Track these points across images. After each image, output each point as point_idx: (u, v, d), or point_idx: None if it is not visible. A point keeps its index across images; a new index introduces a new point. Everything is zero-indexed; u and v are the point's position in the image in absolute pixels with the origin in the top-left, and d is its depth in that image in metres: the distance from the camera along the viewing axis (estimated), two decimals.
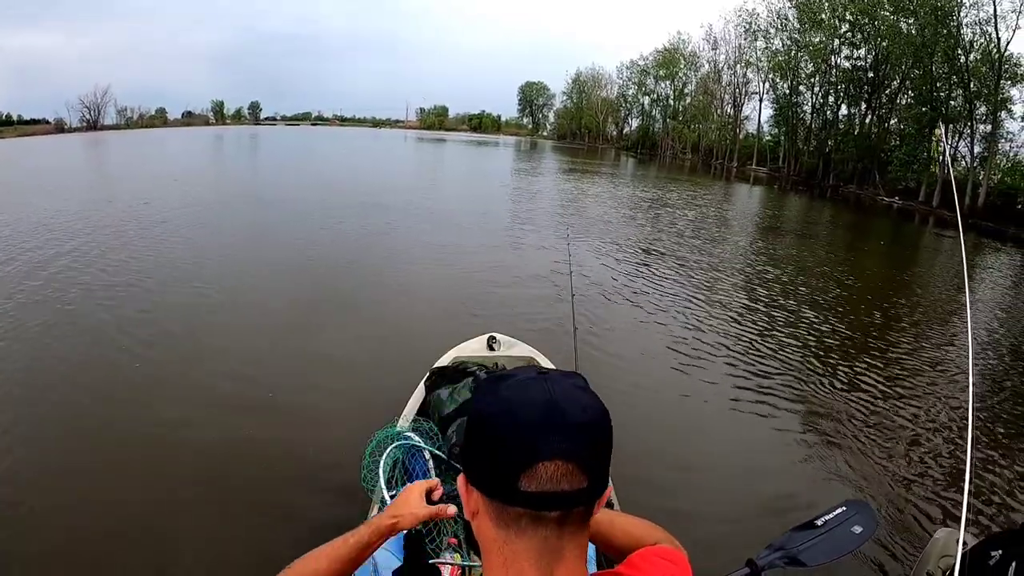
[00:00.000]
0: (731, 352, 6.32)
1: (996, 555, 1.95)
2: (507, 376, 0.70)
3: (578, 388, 0.68)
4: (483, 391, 0.71)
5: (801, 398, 5.26)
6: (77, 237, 9.78)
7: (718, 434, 4.65)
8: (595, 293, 8.18)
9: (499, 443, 0.64)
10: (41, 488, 3.44)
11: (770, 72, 46.36)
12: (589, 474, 0.63)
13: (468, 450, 0.69)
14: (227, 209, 14.05)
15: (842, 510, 1.66)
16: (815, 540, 1.61)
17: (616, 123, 79.66)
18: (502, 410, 0.65)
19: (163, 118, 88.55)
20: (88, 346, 5.54)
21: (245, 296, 7.41)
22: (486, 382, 0.72)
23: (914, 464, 4.25)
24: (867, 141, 35.71)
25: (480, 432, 0.67)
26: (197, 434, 4.08)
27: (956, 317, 8.60)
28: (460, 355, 3.64)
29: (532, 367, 0.73)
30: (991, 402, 5.56)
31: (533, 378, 0.68)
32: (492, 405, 0.67)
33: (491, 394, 0.68)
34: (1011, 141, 26.82)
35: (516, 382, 0.68)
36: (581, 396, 0.67)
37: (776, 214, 22.26)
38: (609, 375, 5.31)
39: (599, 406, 0.68)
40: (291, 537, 3.00)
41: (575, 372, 0.74)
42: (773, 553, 1.58)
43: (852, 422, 4.84)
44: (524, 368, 0.73)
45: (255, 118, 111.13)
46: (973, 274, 12.81)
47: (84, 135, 56.31)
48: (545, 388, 0.66)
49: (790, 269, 11.02)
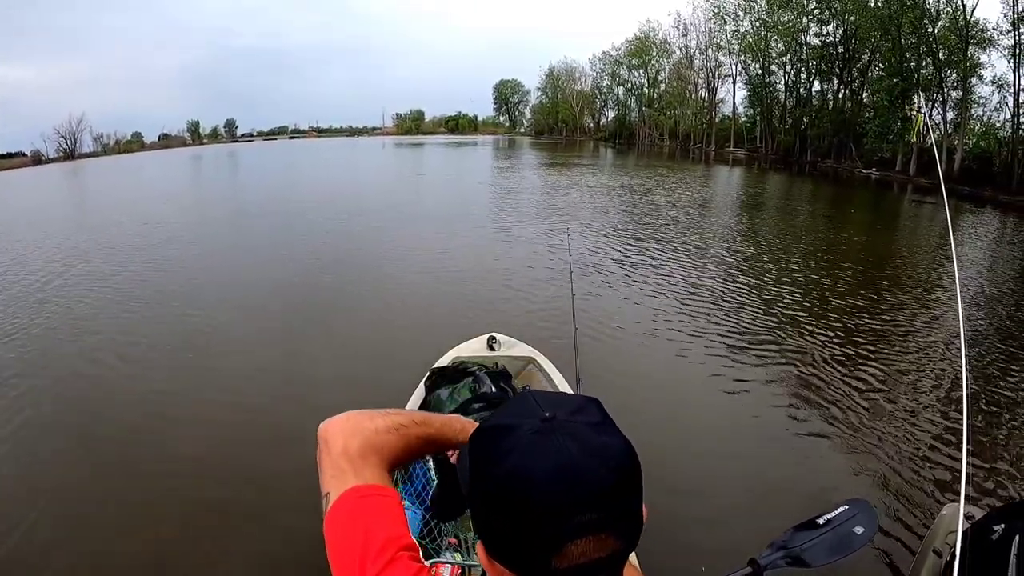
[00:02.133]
0: (727, 339, 6.31)
1: (999, 529, 1.96)
2: (504, 430, 0.61)
3: (593, 429, 0.60)
4: (483, 458, 0.61)
5: (799, 387, 5.23)
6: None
7: (715, 424, 4.63)
8: (592, 285, 8.18)
9: (517, 527, 0.57)
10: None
11: (741, 54, 46.72)
12: (624, 536, 0.58)
13: (481, 527, 0.61)
14: (229, 228, 13.99)
15: (844, 509, 1.65)
16: (817, 539, 1.60)
17: (592, 115, 79.79)
18: (512, 488, 0.57)
19: (140, 142, 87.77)
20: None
21: (244, 304, 7.48)
22: (482, 440, 0.63)
23: (912, 442, 4.24)
24: (841, 115, 36.10)
25: (491, 512, 0.59)
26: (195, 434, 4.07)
27: (945, 284, 8.76)
28: (460, 355, 3.60)
29: (530, 400, 0.64)
30: (985, 371, 5.57)
31: (538, 432, 0.59)
32: (499, 481, 0.58)
33: (493, 463, 0.59)
34: (983, 105, 27.11)
35: (519, 442, 0.58)
36: (599, 443, 0.59)
37: (758, 192, 22.41)
38: (607, 368, 5.29)
39: (621, 446, 0.60)
40: (290, 545, 2.98)
41: (585, 400, 0.64)
42: (775, 552, 1.57)
43: (847, 404, 4.84)
44: (521, 405, 0.64)
45: (232, 136, 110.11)
46: (956, 240, 12.92)
47: (62, 165, 55.85)
48: (555, 446, 0.57)
49: (774, 247, 11.08)
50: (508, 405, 0.67)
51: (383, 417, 0.81)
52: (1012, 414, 4.66)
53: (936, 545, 2.32)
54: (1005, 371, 5.54)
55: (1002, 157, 24.39)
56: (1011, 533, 1.89)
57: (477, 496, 0.61)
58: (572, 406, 0.62)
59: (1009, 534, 1.90)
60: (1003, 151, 24.55)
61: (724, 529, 3.24)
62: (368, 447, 0.77)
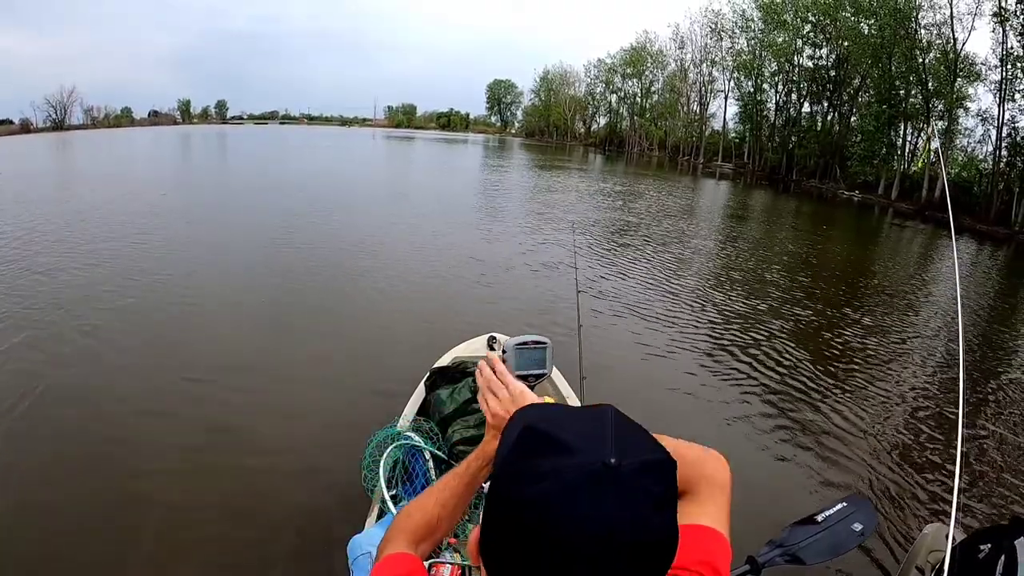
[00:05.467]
0: (727, 338, 6.41)
1: (985, 549, 1.99)
2: (556, 447, 0.54)
3: (654, 503, 0.52)
4: (519, 459, 0.56)
5: (793, 391, 5.30)
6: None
7: (711, 427, 4.66)
8: (591, 288, 8.17)
9: (516, 547, 0.53)
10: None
11: (735, 71, 47.32)
12: None
13: (485, 522, 0.58)
14: (226, 215, 13.68)
15: (842, 506, 1.66)
16: (815, 537, 1.61)
17: (584, 120, 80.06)
18: (531, 513, 0.52)
19: (129, 118, 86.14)
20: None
21: (239, 300, 7.25)
22: (528, 441, 0.57)
23: (904, 458, 4.31)
24: (829, 137, 36.81)
25: (498, 517, 0.55)
26: (193, 435, 3.97)
27: (936, 309, 8.95)
28: (460, 355, 3.60)
29: (607, 422, 0.57)
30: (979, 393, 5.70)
31: (591, 476, 0.51)
32: (521, 497, 0.53)
33: (525, 477, 0.54)
34: (968, 137, 27.81)
35: (564, 474, 0.52)
36: (652, 524, 0.52)
37: (744, 207, 22.66)
38: (607, 365, 5.32)
39: (671, 533, 0.54)
40: (291, 546, 2.95)
41: (664, 458, 0.56)
42: (774, 550, 1.58)
43: (843, 413, 4.91)
44: (591, 423, 0.57)
45: (222, 117, 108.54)
46: (932, 265, 13.24)
47: (51, 135, 54.68)
48: (604, 504, 0.50)
49: (762, 261, 11.20)
50: (580, 413, 0.62)
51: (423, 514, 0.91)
52: (999, 439, 4.76)
53: (919, 563, 2.35)
54: (993, 393, 5.71)
55: (982, 188, 25.01)
56: (997, 553, 1.92)
57: (493, 491, 0.57)
58: (643, 458, 0.54)
59: (995, 555, 1.93)
60: (984, 182, 25.17)
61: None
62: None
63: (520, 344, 1.00)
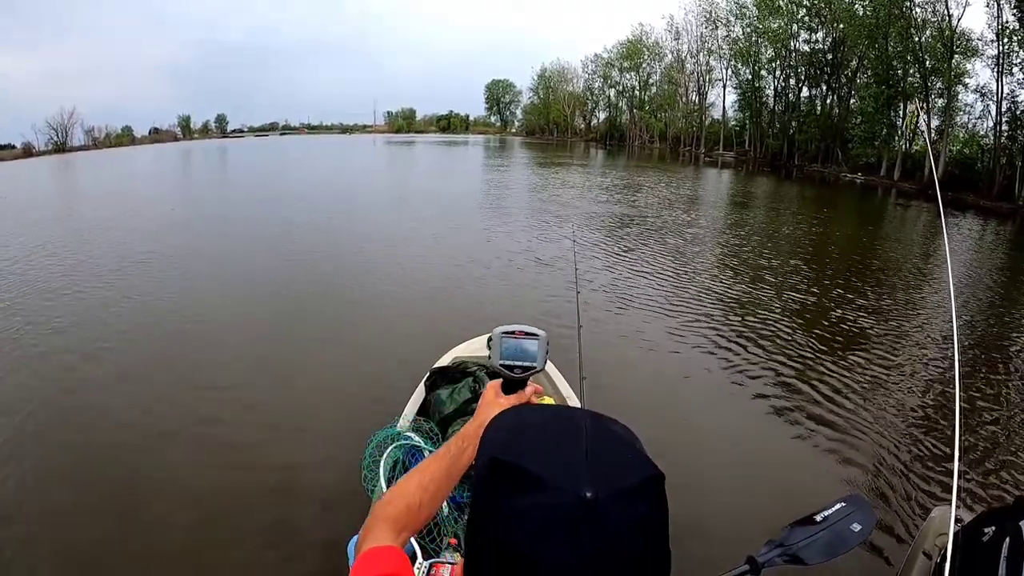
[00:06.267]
0: (725, 339, 6.33)
1: (989, 531, 1.96)
2: (526, 482, 0.49)
3: (636, 530, 0.49)
4: (494, 491, 0.52)
5: (791, 385, 5.25)
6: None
7: (713, 423, 4.64)
8: (591, 281, 8.16)
9: (492, 567, 0.50)
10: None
11: (732, 59, 47.08)
12: None
13: (468, 534, 0.55)
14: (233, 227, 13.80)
15: (841, 506, 1.64)
16: (815, 537, 1.60)
17: (584, 116, 79.92)
18: (507, 540, 0.49)
19: (131, 136, 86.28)
20: None
21: (240, 309, 7.34)
22: (497, 476, 0.52)
23: (905, 444, 4.28)
24: (828, 121, 36.57)
25: (477, 523, 0.53)
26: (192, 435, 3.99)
27: (936, 289, 8.84)
28: (460, 355, 3.61)
29: (579, 445, 0.52)
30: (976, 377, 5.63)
31: (566, 515, 0.47)
32: (496, 524, 0.50)
33: (497, 512, 0.50)
34: (968, 113, 27.54)
35: (536, 511, 0.48)
36: (637, 555, 0.49)
37: (747, 193, 22.55)
38: (609, 362, 5.31)
39: (660, 556, 0.51)
40: (291, 546, 2.95)
41: (649, 478, 0.52)
42: (773, 550, 1.56)
43: (842, 405, 4.87)
44: (561, 449, 0.52)
45: (222, 131, 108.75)
46: (940, 245, 13.12)
47: (53, 158, 55.06)
48: (581, 544, 0.46)
49: (766, 248, 11.14)
50: (553, 428, 0.57)
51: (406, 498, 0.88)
52: (1001, 419, 4.71)
53: (926, 547, 2.32)
54: (993, 372, 5.63)
55: (984, 164, 24.79)
56: (1002, 535, 1.90)
57: (470, 527, 0.55)
58: (623, 485, 0.49)
59: (1000, 536, 1.90)
60: (986, 158, 24.95)
61: (723, 527, 3.23)
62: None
63: (507, 332, 0.96)
